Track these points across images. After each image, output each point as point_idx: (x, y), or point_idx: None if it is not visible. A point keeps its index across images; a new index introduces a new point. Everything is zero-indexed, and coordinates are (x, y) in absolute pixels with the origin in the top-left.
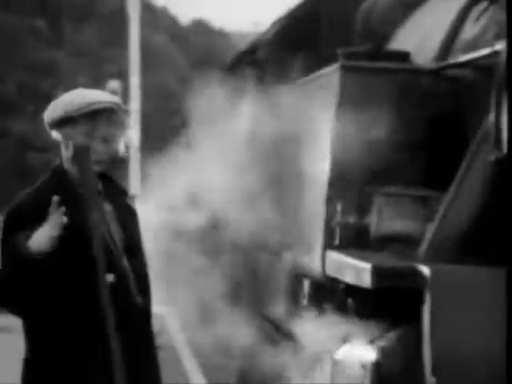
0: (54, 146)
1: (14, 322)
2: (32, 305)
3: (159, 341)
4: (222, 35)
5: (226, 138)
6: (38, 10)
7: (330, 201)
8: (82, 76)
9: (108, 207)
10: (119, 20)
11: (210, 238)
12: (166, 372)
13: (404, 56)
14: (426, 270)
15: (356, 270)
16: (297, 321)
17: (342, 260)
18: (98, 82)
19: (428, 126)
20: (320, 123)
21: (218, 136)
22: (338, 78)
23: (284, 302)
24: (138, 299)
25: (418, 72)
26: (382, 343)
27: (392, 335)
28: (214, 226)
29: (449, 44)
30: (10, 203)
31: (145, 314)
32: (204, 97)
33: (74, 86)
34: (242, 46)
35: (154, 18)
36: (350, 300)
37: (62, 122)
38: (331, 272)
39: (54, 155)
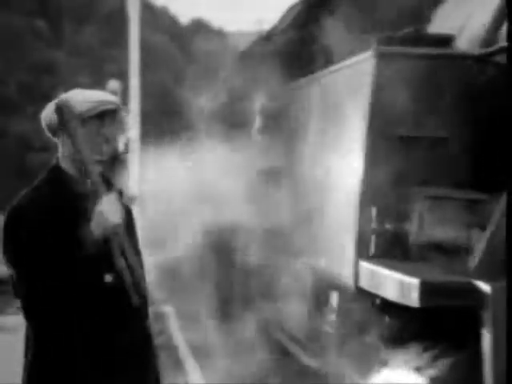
0: (54, 146)
1: (14, 322)
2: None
3: (159, 341)
4: (221, 35)
5: (238, 135)
6: (37, 10)
7: (363, 204)
8: (81, 76)
9: None
10: (119, 20)
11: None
12: (165, 372)
13: (446, 40)
14: (485, 287)
15: (399, 285)
16: (322, 338)
17: (380, 272)
18: (97, 82)
19: (475, 118)
20: (351, 116)
21: (229, 133)
22: (372, 66)
23: (305, 315)
24: (135, 299)
25: (464, 58)
26: (433, 371)
27: (444, 362)
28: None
29: (495, 29)
30: (9, 205)
31: (142, 314)
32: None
33: (74, 86)
34: (243, 45)
35: (154, 17)
36: (387, 318)
37: (93, 117)
38: (365, 285)
39: (54, 155)
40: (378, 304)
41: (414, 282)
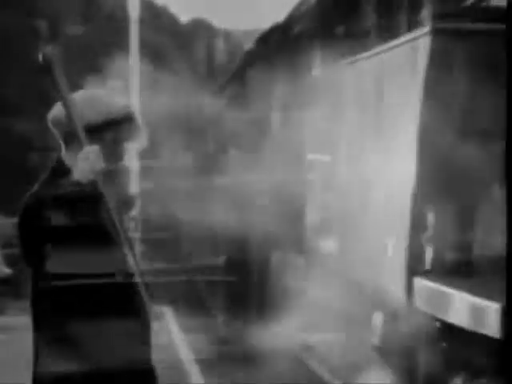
0: (55, 147)
1: (15, 322)
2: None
3: (159, 341)
4: (222, 34)
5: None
6: (38, 10)
7: (418, 209)
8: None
9: None
10: (119, 20)
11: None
12: (166, 372)
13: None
14: None
15: (471, 310)
16: (364, 366)
17: (442, 292)
18: (98, 82)
19: None
20: (402, 103)
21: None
22: (427, 44)
23: (343, 338)
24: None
25: None
26: None
27: None
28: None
29: None
30: (18, 208)
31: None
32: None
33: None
34: (244, 43)
35: (154, 17)
36: (450, 345)
37: (105, 125)
38: (423, 306)
39: (56, 154)
40: (437, 328)
41: (494, 307)
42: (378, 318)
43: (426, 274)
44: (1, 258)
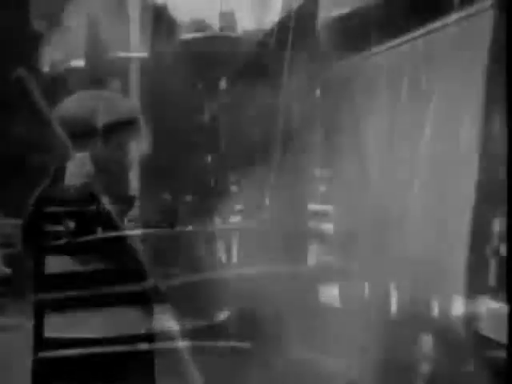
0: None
1: (15, 322)
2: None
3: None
4: (223, 34)
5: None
6: (38, 10)
7: (479, 212)
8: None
9: None
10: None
11: None
12: (165, 372)
13: None
14: None
15: None
16: None
17: None
18: (98, 82)
19: None
20: (459, 92)
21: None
22: (491, 20)
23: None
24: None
25: None
26: None
27: None
28: None
29: None
30: (18, 208)
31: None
32: None
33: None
34: (246, 43)
35: (153, 17)
36: None
37: (110, 127)
38: (487, 330)
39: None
40: (504, 358)
41: None
42: (427, 344)
43: (492, 292)
44: (1, 258)
